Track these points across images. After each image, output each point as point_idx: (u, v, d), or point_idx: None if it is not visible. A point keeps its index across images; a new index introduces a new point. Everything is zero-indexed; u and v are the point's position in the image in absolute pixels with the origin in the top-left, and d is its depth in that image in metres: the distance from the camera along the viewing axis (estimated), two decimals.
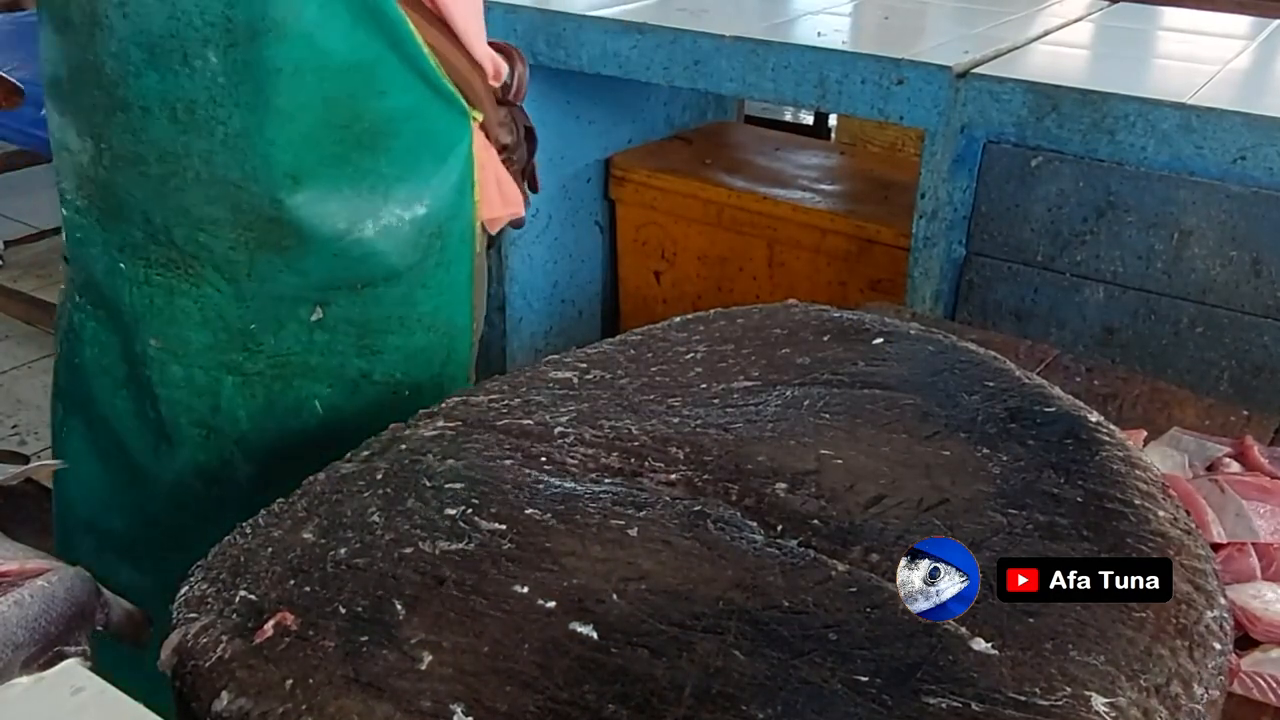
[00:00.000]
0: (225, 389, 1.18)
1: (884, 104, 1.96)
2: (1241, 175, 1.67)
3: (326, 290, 1.15)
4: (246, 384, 1.18)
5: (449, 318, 1.26)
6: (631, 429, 0.96)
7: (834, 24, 2.27)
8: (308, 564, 0.80)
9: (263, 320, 1.15)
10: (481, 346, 1.37)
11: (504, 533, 0.82)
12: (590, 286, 2.83)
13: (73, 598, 0.71)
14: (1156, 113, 1.71)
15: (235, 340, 1.16)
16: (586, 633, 0.73)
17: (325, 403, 1.21)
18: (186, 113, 1.05)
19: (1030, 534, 0.83)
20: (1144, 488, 0.88)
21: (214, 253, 1.11)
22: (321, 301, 1.16)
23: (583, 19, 2.23)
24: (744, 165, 2.68)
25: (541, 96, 2.48)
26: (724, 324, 1.17)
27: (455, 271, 1.24)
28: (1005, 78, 1.84)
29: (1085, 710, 0.67)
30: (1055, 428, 0.96)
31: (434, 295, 1.22)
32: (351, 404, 1.22)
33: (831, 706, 0.67)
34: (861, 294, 2.33)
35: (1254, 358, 1.74)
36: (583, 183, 2.69)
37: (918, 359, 1.09)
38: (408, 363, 1.23)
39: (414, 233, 1.17)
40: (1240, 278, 1.71)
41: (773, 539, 0.82)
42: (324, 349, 1.18)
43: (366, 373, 1.21)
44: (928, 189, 1.95)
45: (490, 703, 0.67)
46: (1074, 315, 1.86)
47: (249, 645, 0.72)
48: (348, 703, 0.68)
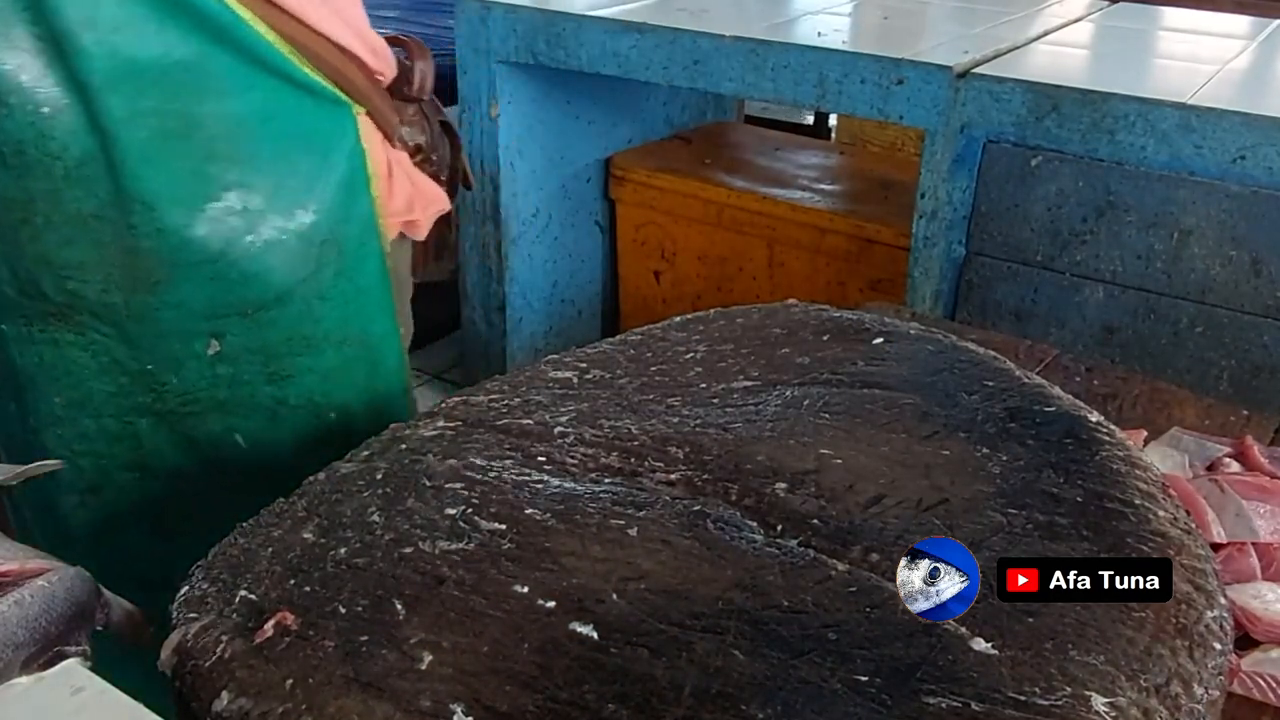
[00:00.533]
0: (142, 430, 1.10)
1: (884, 104, 1.97)
2: (1241, 175, 1.67)
3: (215, 320, 1.06)
4: (162, 423, 1.10)
5: (361, 329, 1.17)
6: (631, 429, 0.96)
7: (834, 24, 2.27)
8: (308, 564, 0.80)
9: (158, 360, 1.07)
10: (481, 346, 1.35)
11: (504, 532, 0.82)
12: (590, 286, 2.83)
13: (73, 598, 0.71)
14: (1156, 112, 1.71)
15: (138, 383, 1.08)
16: (586, 632, 0.73)
17: (247, 436, 1.13)
18: (16, 155, 0.95)
19: (1030, 534, 0.83)
20: (1144, 488, 0.88)
21: (87, 299, 1.02)
22: (214, 333, 1.07)
23: (583, 19, 2.23)
24: (744, 165, 2.68)
25: (542, 96, 2.50)
26: (724, 324, 1.17)
27: (360, 279, 1.15)
28: (1005, 78, 1.84)
29: (1085, 710, 0.67)
30: (1055, 427, 0.96)
31: (338, 308, 1.13)
32: (275, 434, 1.14)
33: (831, 706, 0.67)
34: (861, 294, 2.33)
35: (1254, 357, 1.74)
36: (583, 183, 2.69)
37: (917, 359, 1.08)
38: (325, 383, 1.15)
39: (301, 244, 1.07)
40: (1240, 277, 1.71)
41: (772, 539, 0.82)
42: (230, 381, 1.10)
43: (281, 399, 1.13)
44: (928, 189, 1.95)
45: (490, 702, 0.67)
46: (1074, 315, 1.86)
47: (249, 645, 0.72)
48: (348, 703, 0.68)
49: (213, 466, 1.13)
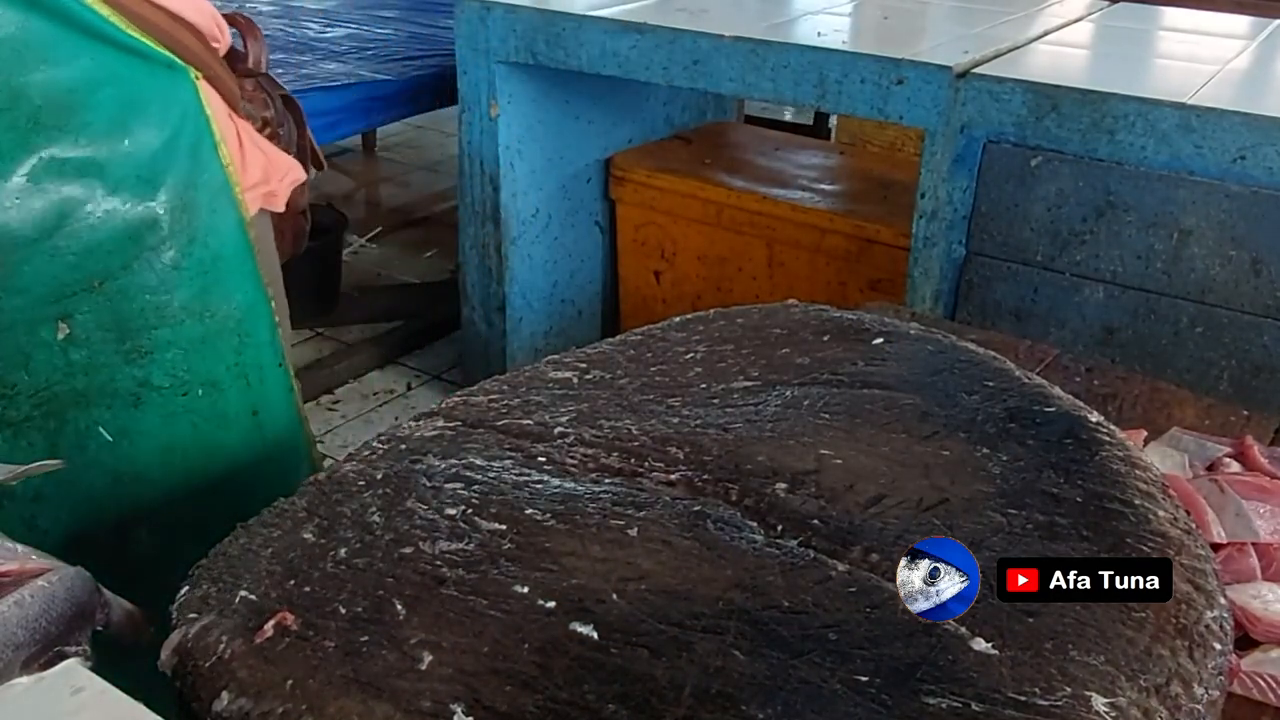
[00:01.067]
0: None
1: (884, 104, 1.97)
2: (1241, 175, 1.67)
3: (62, 300, 1.01)
4: (18, 435, 1.03)
5: (224, 300, 1.11)
6: (631, 429, 0.96)
7: (834, 24, 2.27)
8: (308, 564, 0.80)
9: (6, 358, 1.01)
10: (481, 346, 1.34)
11: (504, 533, 0.82)
12: (590, 286, 2.83)
13: (73, 598, 0.71)
14: (1156, 112, 1.71)
15: None
16: (586, 633, 0.73)
17: (111, 427, 1.07)
18: None
19: (1030, 534, 0.83)
20: (1144, 488, 0.88)
21: None
22: (62, 315, 1.01)
23: (583, 19, 2.23)
24: (744, 165, 2.68)
25: (541, 96, 2.50)
26: (723, 324, 1.17)
27: (217, 246, 1.10)
28: (1005, 78, 1.84)
29: (1085, 710, 0.67)
30: (1055, 428, 0.96)
31: (195, 277, 1.08)
32: (142, 421, 1.08)
33: (831, 706, 0.67)
34: (861, 294, 2.33)
35: (1254, 357, 1.74)
36: (583, 183, 2.69)
37: (917, 359, 1.08)
38: (189, 358, 1.10)
39: (145, 211, 1.03)
40: (1240, 277, 1.71)
41: (772, 539, 0.82)
42: (86, 367, 1.04)
43: (143, 380, 1.08)
44: (928, 189, 1.95)
45: (490, 702, 0.67)
46: (1074, 315, 1.86)
47: (249, 645, 0.72)
48: (348, 703, 0.68)
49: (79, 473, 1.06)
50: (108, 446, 1.07)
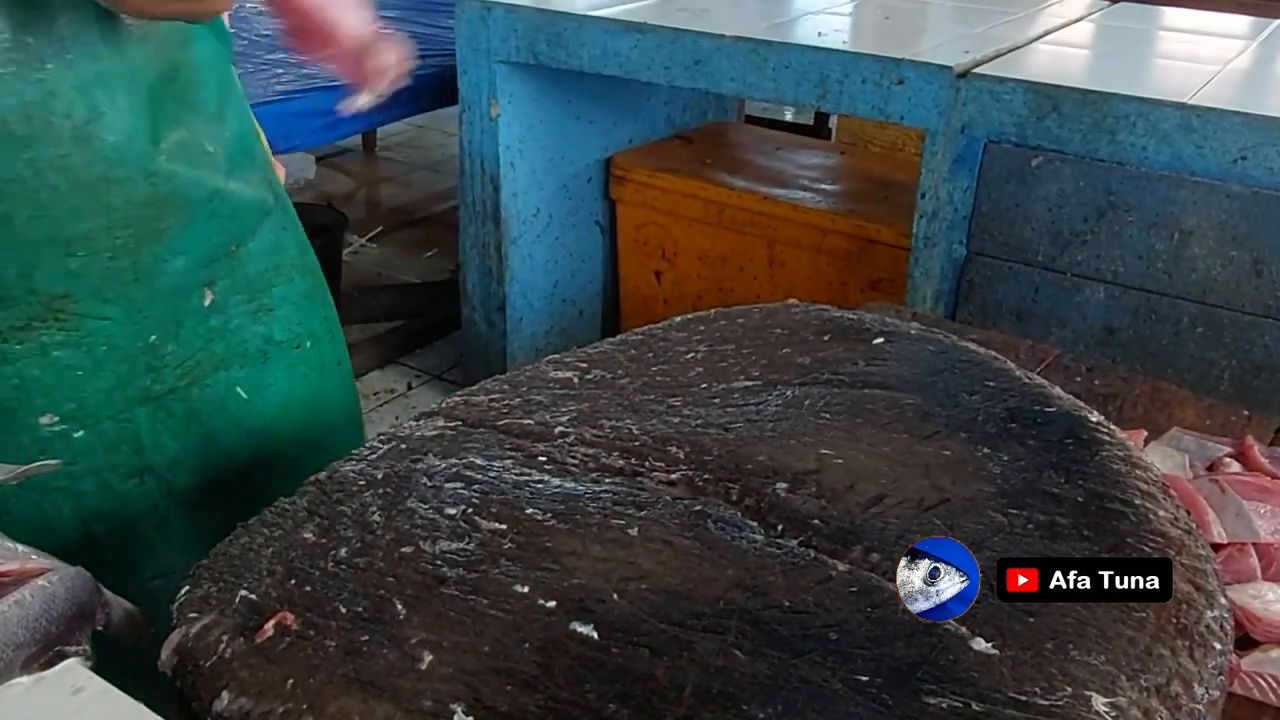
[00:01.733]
0: (141, 424, 1.04)
1: (884, 104, 1.97)
2: (1242, 175, 1.67)
3: (210, 265, 1.06)
4: (160, 407, 1.05)
5: (310, 252, 1.21)
6: (632, 429, 0.96)
7: (834, 24, 2.27)
8: (308, 564, 0.80)
9: (162, 327, 1.03)
10: (481, 346, 1.36)
11: (504, 532, 0.82)
12: (590, 286, 2.83)
13: (73, 598, 0.71)
14: (1157, 113, 1.71)
15: (137, 366, 1.03)
16: (587, 632, 0.73)
17: (246, 385, 1.12)
18: (23, 120, 0.88)
19: (1030, 534, 0.83)
20: (1144, 488, 0.88)
21: (89, 276, 0.96)
22: (208, 281, 1.06)
23: (583, 19, 2.23)
24: (744, 165, 2.68)
25: (542, 96, 2.50)
26: (724, 324, 1.17)
27: (290, 207, 1.18)
28: (1006, 78, 1.84)
29: (1085, 710, 0.67)
30: (1055, 427, 0.96)
31: (295, 234, 1.17)
32: (268, 376, 1.14)
33: (831, 706, 0.67)
34: (862, 294, 2.33)
35: (1254, 357, 1.74)
36: (583, 183, 2.69)
37: (918, 359, 1.08)
38: (298, 311, 1.16)
39: (251, 171, 1.10)
40: (1241, 277, 1.71)
41: (773, 539, 0.82)
42: (222, 331, 1.09)
43: (268, 336, 1.14)
44: (928, 189, 1.95)
45: (490, 702, 0.67)
46: (1074, 315, 1.87)
47: (250, 645, 0.72)
48: (348, 702, 0.68)
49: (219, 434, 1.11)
50: (244, 404, 1.12)
